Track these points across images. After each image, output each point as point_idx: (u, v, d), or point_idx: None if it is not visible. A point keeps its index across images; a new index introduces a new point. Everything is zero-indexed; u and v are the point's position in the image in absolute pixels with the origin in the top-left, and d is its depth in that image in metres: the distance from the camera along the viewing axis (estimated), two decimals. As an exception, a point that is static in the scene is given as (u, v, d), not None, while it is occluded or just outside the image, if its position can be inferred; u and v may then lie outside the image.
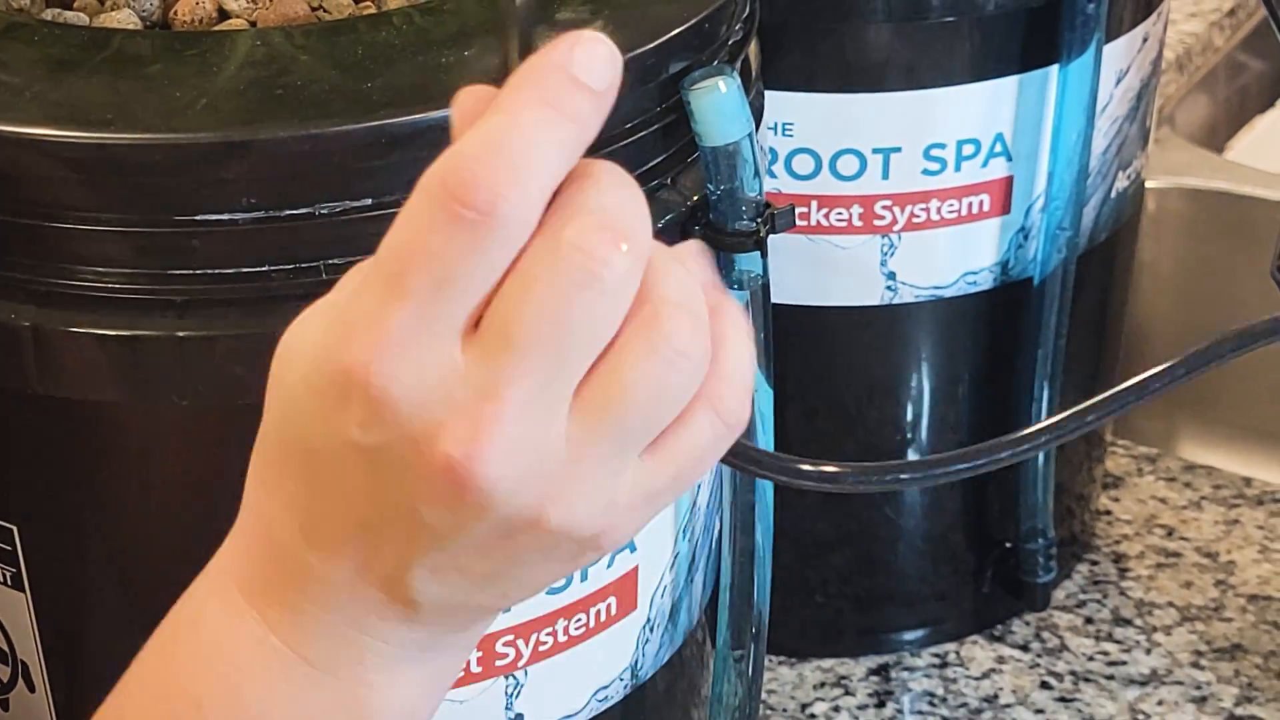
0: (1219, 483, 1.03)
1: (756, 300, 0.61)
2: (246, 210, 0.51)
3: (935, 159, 0.81)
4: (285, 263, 0.52)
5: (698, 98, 0.57)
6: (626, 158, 0.55)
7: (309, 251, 0.52)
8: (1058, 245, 0.83)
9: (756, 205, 0.58)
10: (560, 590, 0.60)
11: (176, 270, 0.52)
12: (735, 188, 0.58)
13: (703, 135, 0.57)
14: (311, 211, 0.52)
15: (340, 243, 0.52)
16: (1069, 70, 0.80)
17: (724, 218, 0.58)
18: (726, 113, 0.57)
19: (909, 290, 0.83)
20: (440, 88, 0.52)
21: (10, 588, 0.57)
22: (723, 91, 0.57)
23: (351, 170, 0.51)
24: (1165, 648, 0.91)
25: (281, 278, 0.52)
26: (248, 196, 0.51)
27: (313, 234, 0.52)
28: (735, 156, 0.57)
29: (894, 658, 0.91)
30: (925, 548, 0.90)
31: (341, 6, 0.58)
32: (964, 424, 0.89)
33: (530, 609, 0.59)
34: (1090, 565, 0.97)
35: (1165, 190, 1.21)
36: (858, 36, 0.79)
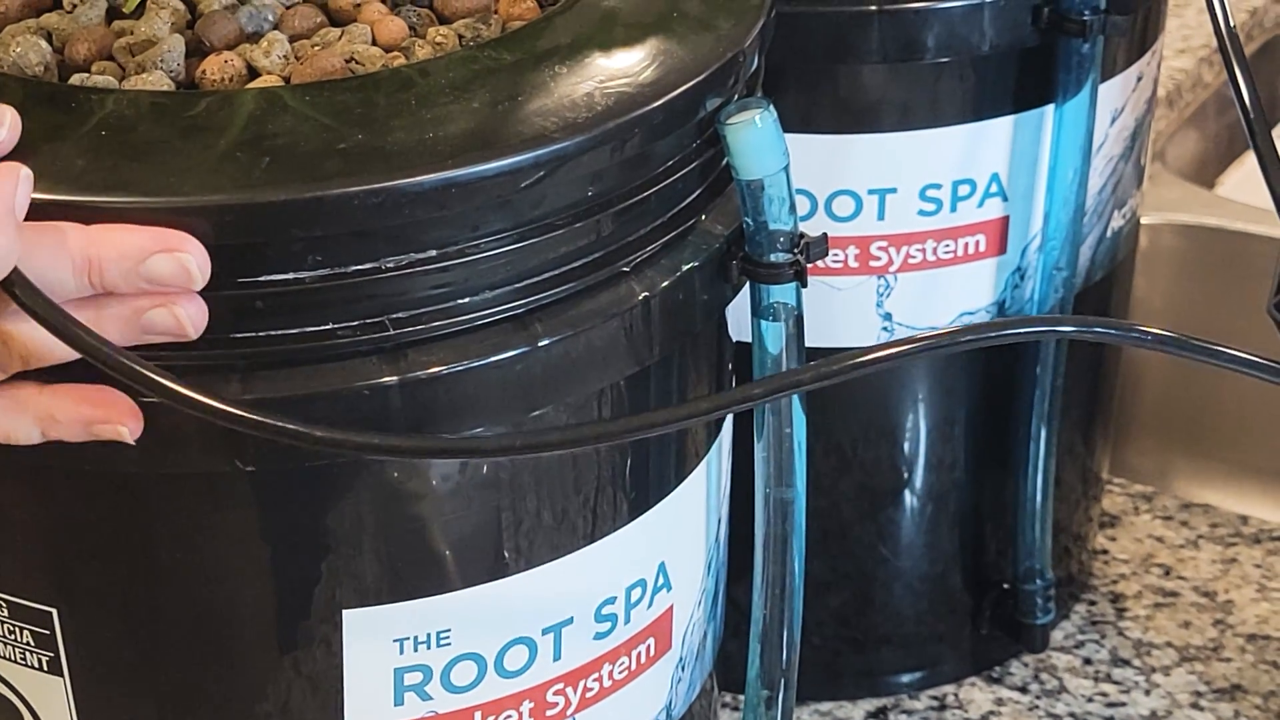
0: (1216, 521, 1.03)
1: (791, 332, 0.60)
2: (312, 268, 0.51)
3: (931, 199, 0.80)
4: (350, 319, 0.52)
5: (734, 132, 0.56)
6: (661, 194, 0.56)
7: (374, 306, 0.52)
8: (1054, 285, 0.83)
9: (791, 237, 0.58)
10: (606, 635, 0.60)
11: (240, 334, 0.51)
12: (770, 220, 0.58)
13: (739, 169, 0.57)
14: (378, 265, 0.51)
15: (404, 295, 0.52)
16: (1064, 110, 0.80)
17: (759, 250, 0.58)
18: (763, 146, 0.57)
19: (905, 331, 0.83)
20: (497, 135, 0.52)
21: (47, 673, 0.56)
22: (759, 126, 0.56)
23: (418, 222, 0.51)
24: (1164, 688, 0.91)
25: (347, 334, 0.52)
26: (313, 255, 0.51)
27: (377, 288, 0.52)
28: (771, 189, 0.57)
29: (892, 700, 0.90)
30: (922, 589, 0.90)
31: (374, 58, 0.57)
32: (961, 463, 0.88)
33: (579, 655, 0.59)
34: (1088, 605, 0.96)
35: (1157, 227, 1.21)
36: (853, 77, 0.79)
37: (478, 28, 0.60)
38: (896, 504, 0.88)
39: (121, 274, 0.49)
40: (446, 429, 0.53)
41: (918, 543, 0.89)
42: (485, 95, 0.54)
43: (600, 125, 0.52)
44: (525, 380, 0.54)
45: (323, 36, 0.59)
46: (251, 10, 0.59)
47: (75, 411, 0.51)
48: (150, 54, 0.57)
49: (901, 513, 0.88)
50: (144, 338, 0.51)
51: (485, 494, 0.56)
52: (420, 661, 0.56)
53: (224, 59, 0.57)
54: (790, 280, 0.59)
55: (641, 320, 0.55)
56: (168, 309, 0.50)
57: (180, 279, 0.50)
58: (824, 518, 0.87)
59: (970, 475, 0.89)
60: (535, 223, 0.53)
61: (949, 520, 0.89)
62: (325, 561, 0.55)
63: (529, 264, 0.53)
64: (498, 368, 0.53)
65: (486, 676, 0.58)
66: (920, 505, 0.88)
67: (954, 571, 0.90)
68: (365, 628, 0.55)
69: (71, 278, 0.49)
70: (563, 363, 0.54)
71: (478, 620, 0.57)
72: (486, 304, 0.53)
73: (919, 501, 0.88)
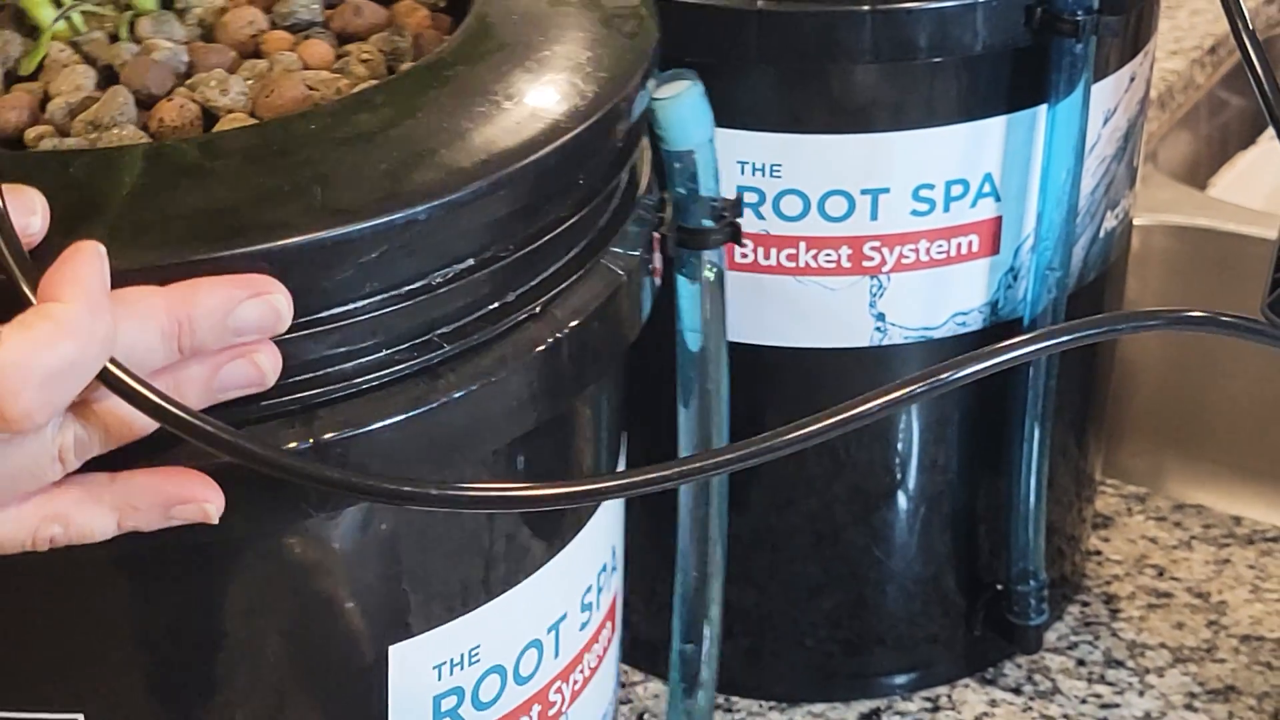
0: (1209, 522, 1.02)
1: (718, 289, 0.61)
2: (370, 295, 0.50)
3: (924, 199, 0.80)
4: (401, 341, 0.51)
5: (664, 107, 0.58)
6: (566, 232, 0.55)
7: (423, 325, 0.51)
8: (1047, 285, 0.83)
9: (715, 202, 0.60)
10: (586, 625, 0.60)
11: (300, 377, 0.50)
12: (701, 188, 0.59)
13: (670, 141, 0.58)
14: (427, 282, 0.51)
15: (447, 306, 0.51)
16: (1057, 110, 0.80)
17: (689, 217, 0.59)
18: (692, 118, 0.58)
19: (898, 331, 0.82)
20: (498, 140, 0.52)
21: None
22: (688, 99, 0.58)
23: (457, 232, 0.51)
24: (1158, 689, 0.91)
25: (403, 356, 0.51)
26: (372, 281, 0.50)
27: (426, 306, 0.51)
28: (700, 159, 0.58)
29: (885, 702, 0.90)
30: (915, 590, 0.90)
31: (326, 82, 0.56)
32: (954, 464, 0.88)
33: (571, 648, 0.59)
34: (1081, 606, 0.96)
35: (1149, 228, 1.21)
36: (845, 77, 0.78)
37: (394, 40, 0.59)
38: (889, 505, 0.88)
39: (211, 329, 0.47)
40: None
41: (911, 544, 0.89)
42: (377, 144, 0.52)
43: (496, 172, 0.51)
44: (438, 429, 0.52)
45: (252, 69, 0.57)
46: (168, 54, 0.57)
47: (156, 495, 0.48)
48: (104, 110, 0.55)
49: (894, 514, 0.88)
50: (218, 398, 0.48)
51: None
52: (456, 684, 0.56)
53: (178, 104, 0.55)
54: (723, 242, 0.60)
55: (558, 358, 0.54)
56: (247, 360, 0.48)
57: (269, 324, 0.48)
58: (817, 519, 0.87)
59: (963, 476, 0.89)
60: (434, 274, 0.51)
61: (942, 521, 0.89)
62: (369, 602, 0.54)
63: (440, 313, 0.52)
64: (414, 421, 0.51)
65: (507, 687, 0.58)
66: (913, 507, 0.88)
67: (947, 573, 0.90)
68: (408, 661, 0.55)
69: (160, 345, 0.47)
70: (473, 413, 0.53)
71: (501, 631, 0.57)
72: (391, 360, 0.51)
73: (912, 503, 0.88)
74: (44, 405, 0.44)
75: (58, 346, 0.44)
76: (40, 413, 0.44)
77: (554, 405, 0.55)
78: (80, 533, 0.47)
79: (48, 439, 0.46)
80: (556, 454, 0.58)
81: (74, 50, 0.58)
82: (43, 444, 0.46)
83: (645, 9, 0.60)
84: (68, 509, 0.47)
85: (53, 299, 0.44)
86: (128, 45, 0.58)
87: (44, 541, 0.47)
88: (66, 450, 0.46)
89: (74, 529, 0.47)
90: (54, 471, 0.46)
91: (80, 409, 0.46)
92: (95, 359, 0.45)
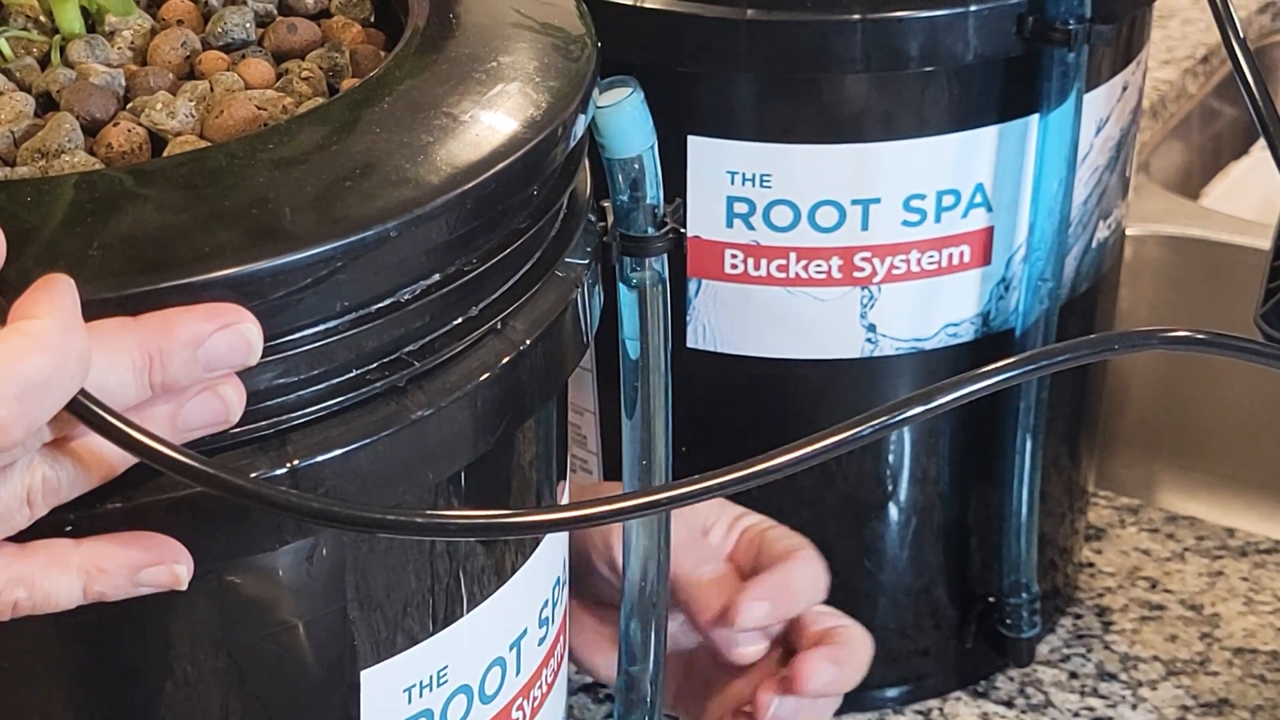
0: (1202, 534, 1.02)
1: (660, 298, 0.61)
2: (340, 315, 0.49)
3: (915, 210, 0.80)
4: (370, 360, 0.50)
5: (605, 116, 0.57)
6: (520, 248, 0.54)
7: (392, 343, 0.50)
8: (1039, 296, 0.83)
9: (657, 210, 0.59)
10: (544, 640, 0.60)
11: (271, 401, 0.49)
12: (641, 195, 0.59)
13: (613, 149, 0.58)
14: (397, 299, 0.50)
15: (414, 323, 0.51)
16: (1049, 120, 0.79)
17: (631, 225, 0.59)
18: (633, 125, 0.58)
19: (889, 343, 0.82)
20: (460, 154, 0.51)
21: None
22: (629, 107, 0.57)
23: (427, 248, 0.50)
24: (1151, 702, 0.90)
25: (374, 376, 0.50)
26: (341, 300, 0.49)
27: (395, 324, 0.50)
28: (642, 167, 0.58)
29: (876, 715, 0.90)
30: (907, 603, 0.89)
31: (273, 101, 0.55)
32: (946, 476, 0.88)
33: (530, 664, 0.59)
34: (1074, 619, 0.96)
35: (1141, 238, 1.20)
36: (836, 87, 0.78)
37: (332, 57, 0.58)
38: (880, 517, 0.87)
39: (183, 364, 0.45)
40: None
41: (902, 556, 0.88)
42: (335, 163, 0.51)
43: (461, 185, 0.50)
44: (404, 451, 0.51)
45: (194, 90, 0.56)
46: (105, 78, 0.56)
47: (124, 558, 0.46)
48: (51, 137, 0.53)
49: (886, 526, 0.88)
50: (185, 436, 0.46)
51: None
52: (425, 706, 0.56)
53: (125, 129, 0.53)
54: (665, 250, 0.60)
55: (522, 370, 0.54)
56: (212, 393, 0.46)
57: (240, 356, 0.46)
58: (807, 531, 0.86)
59: (955, 488, 0.88)
60: (402, 291, 0.51)
61: (933, 534, 0.88)
62: (342, 626, 0.53)
63: (408, 330, 0.51)
64: (386, 441, 0.50)
65: (473, 707, 0.57)
66: (905, 519, 0.88)
67: (939, 585, 0.89)
68: (380, 685, 0.54)
69: (132, 379, 0.45)
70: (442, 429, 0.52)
71: (467, 650, 0.56)
72: (362, 380, 0.50)
73: (903, 515, 0.88)
74: (19, 418, 0.43)
75: (33, 358, 0.43)
76: (15, 426, 0.43)
77: (521, 417, 0.55)
78: (45, 599, 0.46)
79: (15, 479, 0.44)
80: (516, 467, 0.58)
81: (6, 78, 0.57)
82: (10, 484, 0.44)
83: (582, 17, 0.60)
84: (32, 573, 0.45)
85: (26, 318, 0.43)
86: (62, 71, 0.57)
87: (7, 608, 0.45)
88: (35, 492, 0.45)
89: (39, 594, 0.45)
90: (21, 516, 0.45)
91: (50, 448, 0.45)
92: (71, 377, 0.44)
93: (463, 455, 0.53)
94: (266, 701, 0.53)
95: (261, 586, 0.51)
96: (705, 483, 0.51)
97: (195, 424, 0.46)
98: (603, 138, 0.58)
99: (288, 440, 0.49)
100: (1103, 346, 0.58)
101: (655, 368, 0.62)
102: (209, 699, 0.52)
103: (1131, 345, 0.59)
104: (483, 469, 0.55)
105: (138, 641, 0.51)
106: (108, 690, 0.51)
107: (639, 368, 0.62)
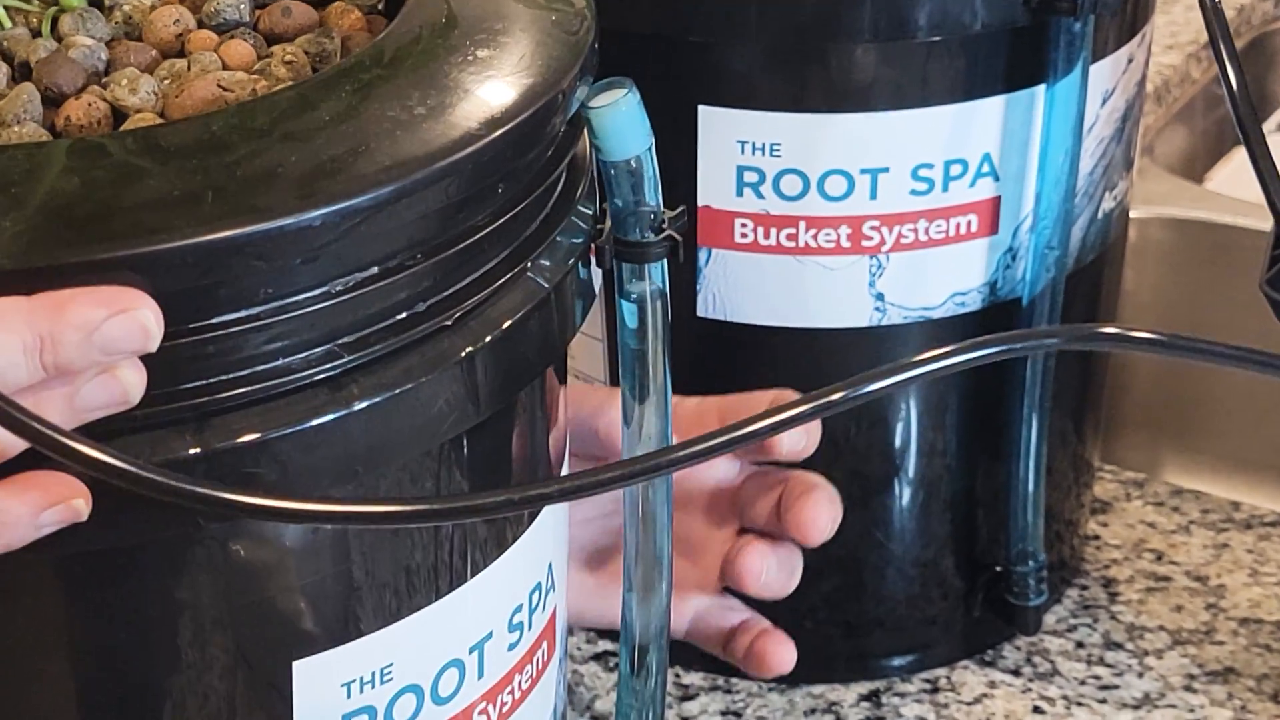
0: (1207, 507, 1.03)
1: (658, 302, 0.59)
2: (265, 301, 0.48)
3: (923, 179, 0.80)
4: (300, 350, 0.49)
5: (600, 116, 0.55)
6: (486, 240, 0.53)
7: (321, 334, 0.50)
8: (1046, 265, 0.83)
9: (656, 215, 0.57)
10: (516, 645, 0.59)
11: (192, 384, 0.48)
12: (638, 199, 0.57)
13: (609, 151, 0.56)
14: (328, 290, 0.49)
15: (349, 315, 0.50)
16: (1055, 90, 0.80)
17: (627, 230, 0.57)
18: (630, 126, 0.56)
19: (897, 311, 0.83)
20: (420, 144, 0.50)
21: None
22: (625, 107, 0.55)
23: (360, 239, 0.49)
24: (1157, 671, 0.91)
25: (300, 367, 0.49)
26: (265, 288, 0.48)
27: (326, 315, 0.49)
28: (639, 170, 0.56)
29: (884, 683, 0.90)
30: (915, 573, 0.90)
31: (241, 83, 0.55)
32: (953, 449, 0.88)
33: (497, 669, 0.58)
34: (1080, 590, 0.96)
35: (1146, 220, 1.21)
36: (844, 56, 0.79)
37: (321, 42, 0.58)
38: (889, 489, 0.88)
39: (76, 346, 0.44)
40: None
41: (910, 527, 0.89)
42: (276, 146, 0.50)
43: (399, 179, 0.49)
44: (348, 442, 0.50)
45: (170, 68, 0.56)
46: (84, 51, 0.56)
47: (21, 508, 0.45)
48: (7, 106, 0.53)
49: (894, 497, 0.88)
50: (82, 418, 0.45)
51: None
52: (366, 703, 0.54)
53: (86, 102, 0.53)
54: (664, 256, 0.58)
55: (472, 372, 0.53)
56: (110, 375, 0.45)
57: (137, 342, 0.45)
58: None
59: (962, 460, 0.89)
60: (348, 276, 0.50)
61: (941, 505, 0.89)
62: (272, 615, 0.52)
63: (342, 322, 0.50)
64: (313, 432, 0.50)
65: (424, 707, 0.56)
66: (913, 490, 0.88)
67: (946, 555, 0.90)
68: (315, 677, 0.53)
69: (23, 359, 0.44)
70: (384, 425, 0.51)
71: (416, 649, 0.55)
72: (297, 367, 0.50)
73: (911, 486, 0.88)
74: None
75: None
76: None
77: (468, 419, 0.53)
78: None
79: None
80: (475, 469, 0.56)
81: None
82: None
83: (585, 5, 0.58)
84: None
85: None
86: (45, 42, 0.57)
87: None
88: None
89: None
90: None
91: None
92: None
93: (401, 452, 0.52)
94: (193, 685, 0.52)
95: (183, 566, 0.51)
96: (704, 444, 0.50)
97: (93, 405, 0.45)
98: (598, 139, 0.56)
99: (208, 425, 0.48)
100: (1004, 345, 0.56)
101: (655, 370, 0.61)
102: (125, 681, 0.52)
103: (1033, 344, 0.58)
104: (442, 464, 0.54)
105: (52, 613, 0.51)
106: (36, 663, 0.51)
107: (636, 371, 0.61)
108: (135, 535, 0.50)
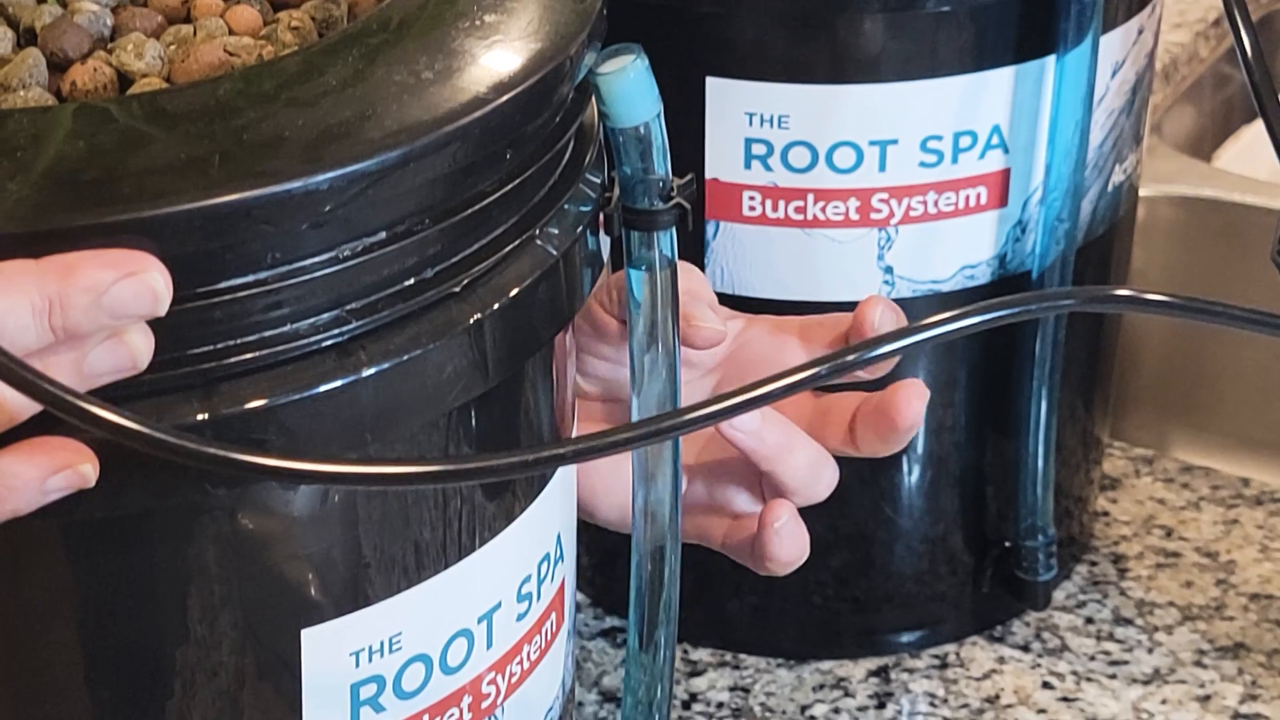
0: (1217, 483, 1.02)
1: (668, 271, 0.59)
2: (272, 266, 0.48)
3: (932, 151, 0.80)
4: (308, 315, 0.49)
5: (608, 82, 0.55)
6: (495, 206, 0.52)
7: (329, 300, 0.49)
8: (1056, 238, 0.83)
9: (664, 183, 0.57)
10: (525, 615, 0.58)
11: (199, 349, 0.48)
12: (647, 167, 0.56)
13: (617, 118, 0.55)
14: (335, 255, 0.49)
15: (357, 281, 0.50)
16: (1066, 61, 0.80)
17: (635, 198, 0.57)
18: (638, 93, 0.55)
19: (906, 285, 0.82)
20: (427, 108, 0.49)
21: None
22: (633, 73, 0.55)
23: (368, 204, 0.48)
24: (1167, 647, 0.90)
25: (308, 332, 0.49)
26: (273, 253, 0.48)
27: (334, 280, 0.49)
28: (647, 137, 0.56)
29: (893, 659, 0.90)
30: (924, 549, 0.89)
31: (248, 48, 0.54)
32: (962, 424, 0.88)
33: (506, 640, 0.58)
34: (1089, 566, 0.96)
35: (1154, 198, 1.21)
36: (853, 28, 0.78)
37: (327, 8, 0.57)
38: (898, 465, 0.88)
39: (84, 309, 0.44)
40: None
41: (919, 503, 0.89)
42: (282, 111, 0.49)
43: (406, 144, 0.48)
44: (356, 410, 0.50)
45: (176, 34, 0.56)
46: (90, 17, 0.56)
47: (29, 472, 0.45)
48: (13, 72, 0.53)
49: (903, 473, 0.88)
50: (90, 383, 0.45)
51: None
52: (375, 672, 0.54)
53: (92, 67, 0.53)
54: (672, 224, 0.58)
55: (480, 339, 0.52)
56: (118, 340, 0.45)
57: (146, 305, 0.44)
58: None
59: (971, 436, 0.88)
60: (356, 241, 0.49)
61: (950, 480, 0.89)
62: (280, 584, 0.52)
63: (350, 287, 0.50)
64: (322, 398, 0.49)
65: (433, 677, 0.56)
66: (922, 466, 0.88)
67: (955, 531, 0.90)
68: (323, 645, 0.53)
69: (32, 322, 0.43)
70: (391, 392, 0.51)
71: (425, 619, 0.55)
72: (305, 332, 0.49)
73: (921, 462, 0.88)
74: None
75: None
76: None
77: (476, 386, 0.53)
78: None
79: None
80: (483, 437, 0.56)
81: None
82: None
83: None
84: None
85: None
86: (49, 8, 0.56)
87: None
88: None
89: None
90: None
91: None
92: None
93: (409, 418, 0.52)
94: (203, 653, 0.52)
95: (190, 533, 0.51)
96: (713, 406, 0.50)
97: (101, 370, 0.45)
98: (606, 106, 0.55)
99: (215, 390, 0.48)
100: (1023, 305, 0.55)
101: (665, 341, 0.60)
102: (136, 649, 0.51)
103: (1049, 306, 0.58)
104: (450, 431, 0.54)
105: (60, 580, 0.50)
106: (50, 631, 0.51)
107: (646, 341, 0.60)
108: (142, 502, 0.49)
